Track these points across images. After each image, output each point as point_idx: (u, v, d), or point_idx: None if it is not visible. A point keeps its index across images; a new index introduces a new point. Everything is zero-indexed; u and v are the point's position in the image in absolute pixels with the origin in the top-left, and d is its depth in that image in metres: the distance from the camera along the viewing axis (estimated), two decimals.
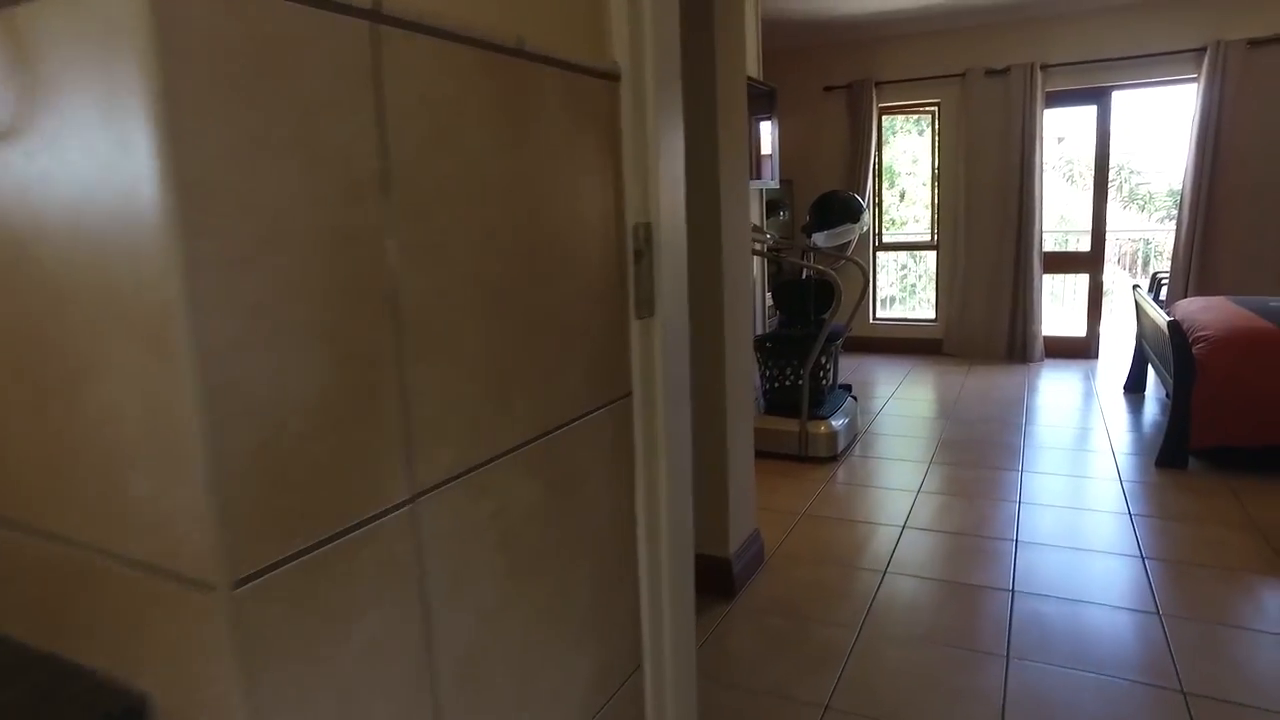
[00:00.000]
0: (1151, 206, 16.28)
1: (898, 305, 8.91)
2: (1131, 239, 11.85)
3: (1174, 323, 3.85)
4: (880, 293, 8.78)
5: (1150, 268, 12.23)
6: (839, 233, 4.93)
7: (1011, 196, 6.24)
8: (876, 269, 7.10)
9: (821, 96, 6.80)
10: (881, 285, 8.94)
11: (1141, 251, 12.05)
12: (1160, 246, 12.80)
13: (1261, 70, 5.61)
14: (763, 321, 5.40)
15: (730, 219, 2.64)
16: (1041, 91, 6.08)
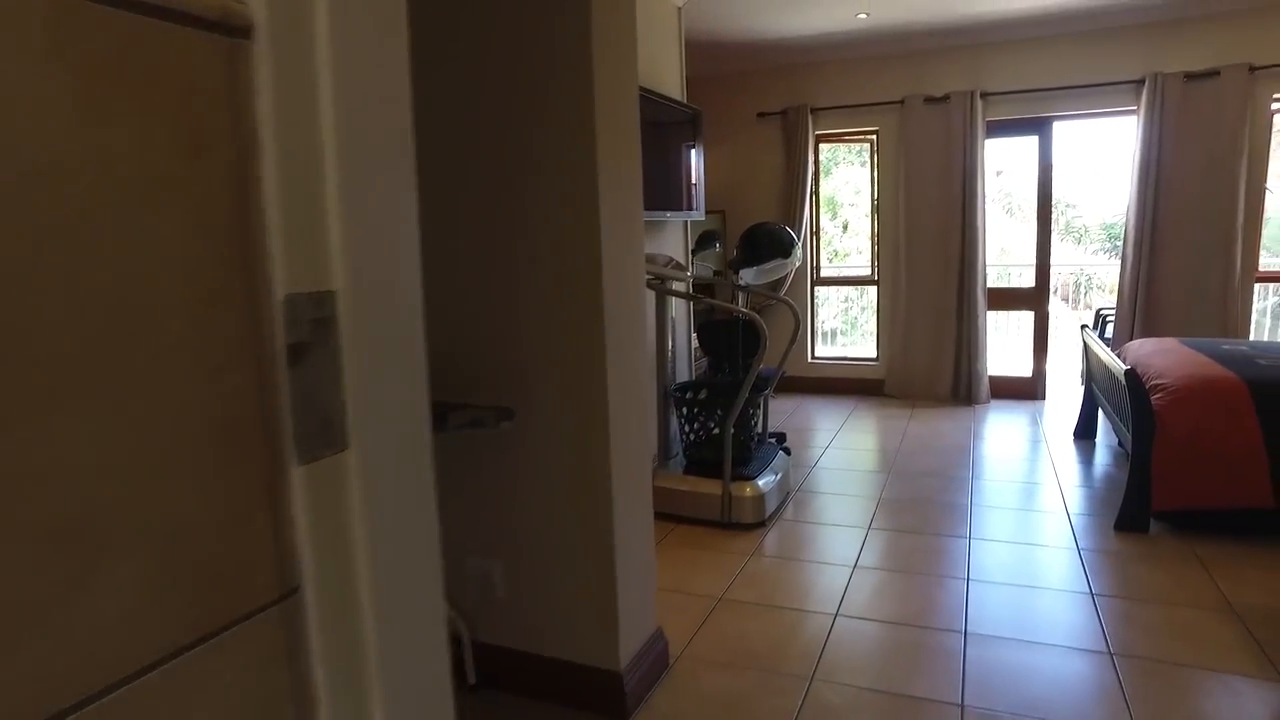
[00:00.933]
0: (1087, 239, 16.41)
1: (841, 340, 8.56)
2: (1069, 271, 11.72)
3: (1132, 372, 3.47)
4: (822, 328, 8.42)
5: (1087, 299, 12.18)
6: (768, 269, 4.50)
7: (954, 229, 5.91)
8: (815, 305, 6.71)
9: (755, 123, 6.43)
10: (824, 319, 8.58)
11: (1080, 283, 11.97)
12: (1100, 279, 12.77)
13: (1197, 104, 5.38)
14: (690, 367, 4.94)
15: (615, 255, 2.16)
16: (982, 120, 5.78)
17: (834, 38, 5.76)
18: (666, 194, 4.42)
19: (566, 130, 2.07)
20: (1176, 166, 5.46)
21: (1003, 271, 9.64)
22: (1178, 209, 5.49)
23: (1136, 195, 5.56)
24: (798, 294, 6.50)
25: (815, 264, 6.63)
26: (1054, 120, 5.81)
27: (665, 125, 4.39)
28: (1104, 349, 4.26)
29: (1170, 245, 5.54)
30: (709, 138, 6.52)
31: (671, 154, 4.49)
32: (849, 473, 4.50)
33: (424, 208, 0.79)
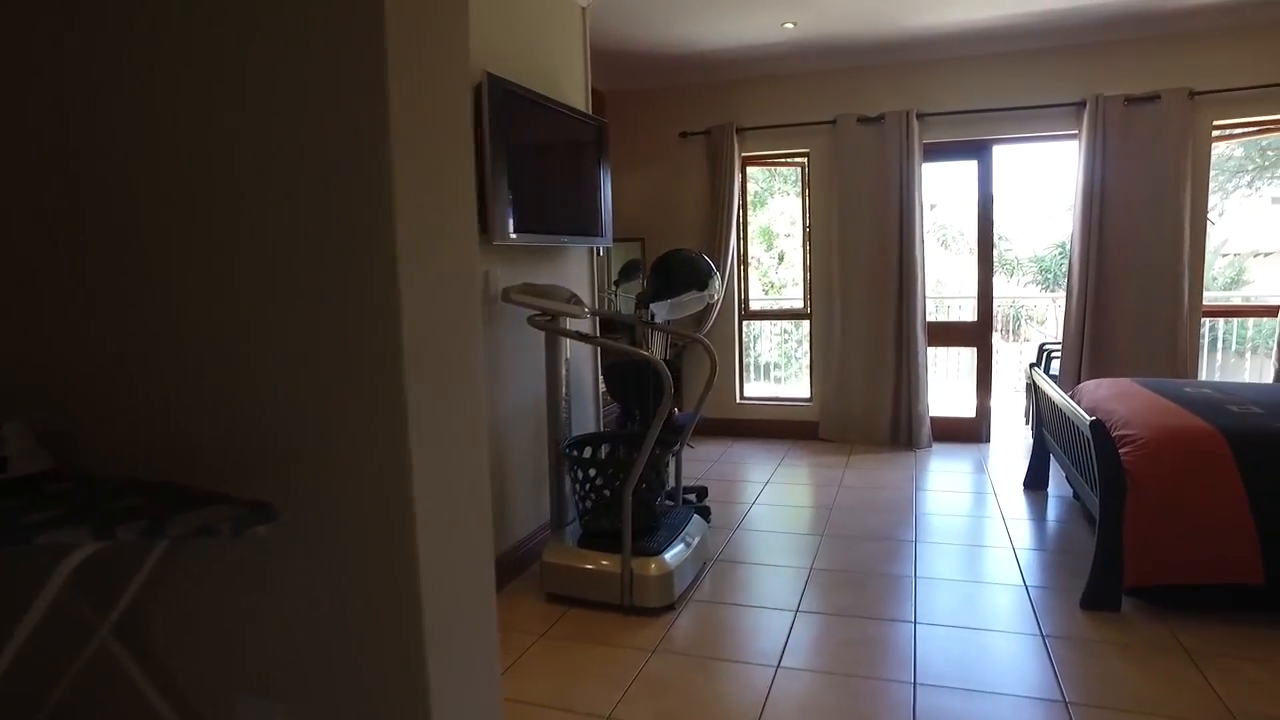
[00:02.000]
0: (1020, 272, 16.38)
1: (780, 377, 8.06)
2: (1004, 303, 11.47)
3: (1099, 425, 2.97)
4: (757, 364, 7.90)
5: (1022, 332, 11.97)
6: (684, 302, 3.94)
7: (891, 258, 5.45)
8: (743, 341, 6.17)
9: (678, 143, 5.91)
10: (761, 354, 8.06)
11: (1013, 315, 11.76)
12: (1032, 311, 12.61)
13: (1139, 128, 5.03)
14: (597, 415, 4.34)
15: (426, 289, 1.55)
16: (919, 142, 5.36)
17: (761, 51, 5.29)
18: (568, 216, 3.84)
19: (342, 117, 1.46)
20: (1120, 193, 5.10)
21: (940, 304, 9.31)
22: (1123, 238, 5.12)
23: (1080, 223, 5.17)
24: (724, 329, 5.97)
25: (744, 296, 6.10)
26: (994, 144, 5.42)
27: (566, 139, 3.82)
28: (1058, 392, 3.79)
29: (1116, 277, 5.16)
30: (628, 158, 6.00)
31: (573, 171, 3.92)
32: (777, 536, 3.92)
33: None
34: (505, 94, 3.16)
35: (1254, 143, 10.53)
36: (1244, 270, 11.83)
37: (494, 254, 3.29)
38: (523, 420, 3.56)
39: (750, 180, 13.45)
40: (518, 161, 3.30)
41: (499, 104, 3.10)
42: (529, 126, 3.42)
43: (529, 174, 3.45)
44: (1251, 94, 4.90)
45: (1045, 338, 11.17)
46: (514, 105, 3.25)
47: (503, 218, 3.12)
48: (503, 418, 3.44)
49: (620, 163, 6.08)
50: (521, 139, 3.34)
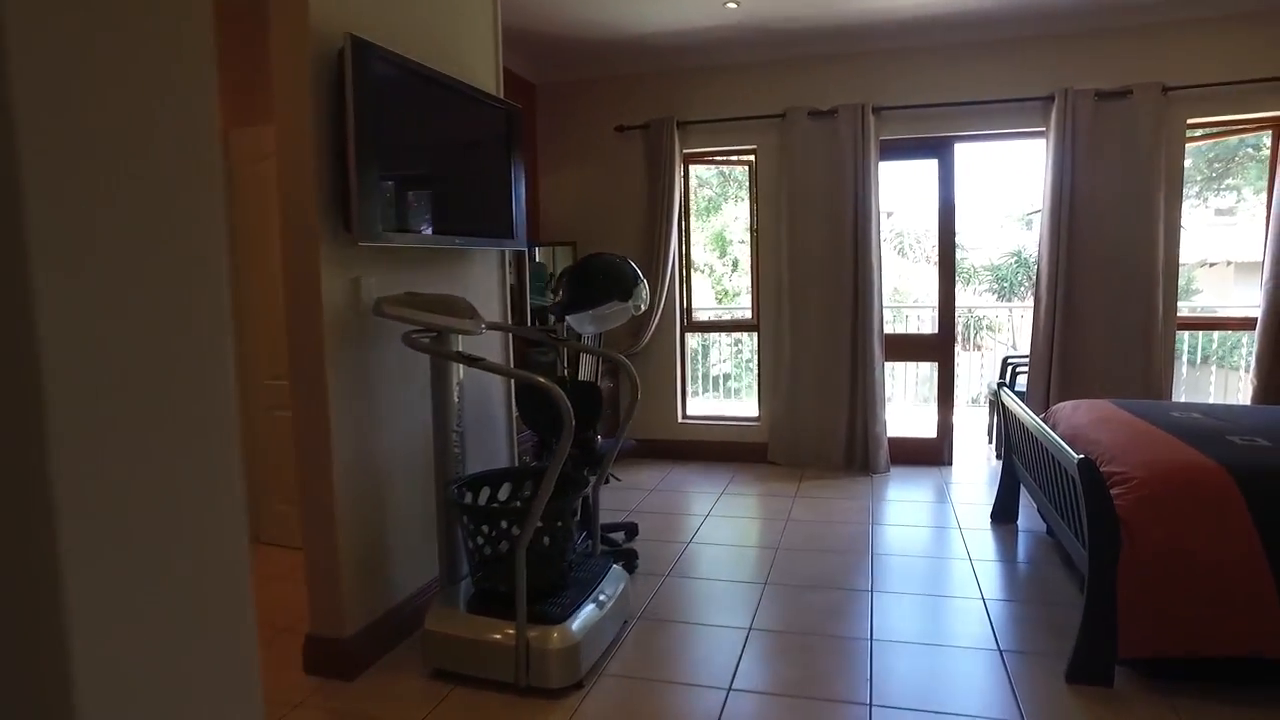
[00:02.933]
0: (976, 280, 16.16)
1: (733, 389, 7.58)
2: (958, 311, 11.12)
3: (1089, 464, 2.49)
4: (711, 376, 7.40)
5: (981, 341, 11.65)
6: (604, 314, 3.41)
7: (844, 265, 4.98)
8: (685, 355, 5.66)
9: (614, 139, 5.40)
10: (714, 365, 7.56)
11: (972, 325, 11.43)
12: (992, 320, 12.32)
13: (1110, 125, 4.64)
14: (512, 448, 3.78)
15: (97, 298, 0.98)
16: (875, 139, 4.90)
17: (702, 36, 4.80)
18: (468, 215, 3.29)
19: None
20: (1091, 195, 4.70)
21: (898, 314, 8.90)
22: (1094, 244, 4.72)
23: (1049, 226, 4.76)
24: (664, 342, 5.45)
25: (686, 306, 5.60)
26: (955, 141, 4.99)
27: (468, 124, 3.27)
28: (1031, 417, 3.33)
29: (1087, 285, 4.75)
30: (560, 155, 5.47)
31: (476, 163, 3.37)
32: (714, 585, 3.39)
33: None
34: (379, 62, 2.60)
35: (1201, 153, 10.35)
36: (1192, 280, 11.68)
37: (365, 257, 2.72)
38: (412, 455, 2.99)
39: (704, 185, 13.02)
40: (396, 147, 2.74)
41: (368, 74, 2.54)
42: (414, 106, 2.86)
43: (414, 163, 2.89)
44: (1226, 91, 4.53)
45: (1003, 347, 10.88)
46: (391, 78, 2.69)
47: (371, 214, 2.56)
48: (385, 452, 2.87)
49: (552, 160, 5.55)
50: (403, 120, 2.78)
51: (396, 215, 2.76)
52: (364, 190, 2.54)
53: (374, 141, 2.58)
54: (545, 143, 5.56)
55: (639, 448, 5.50)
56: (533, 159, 5.55)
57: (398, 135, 2.75)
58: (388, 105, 2.67)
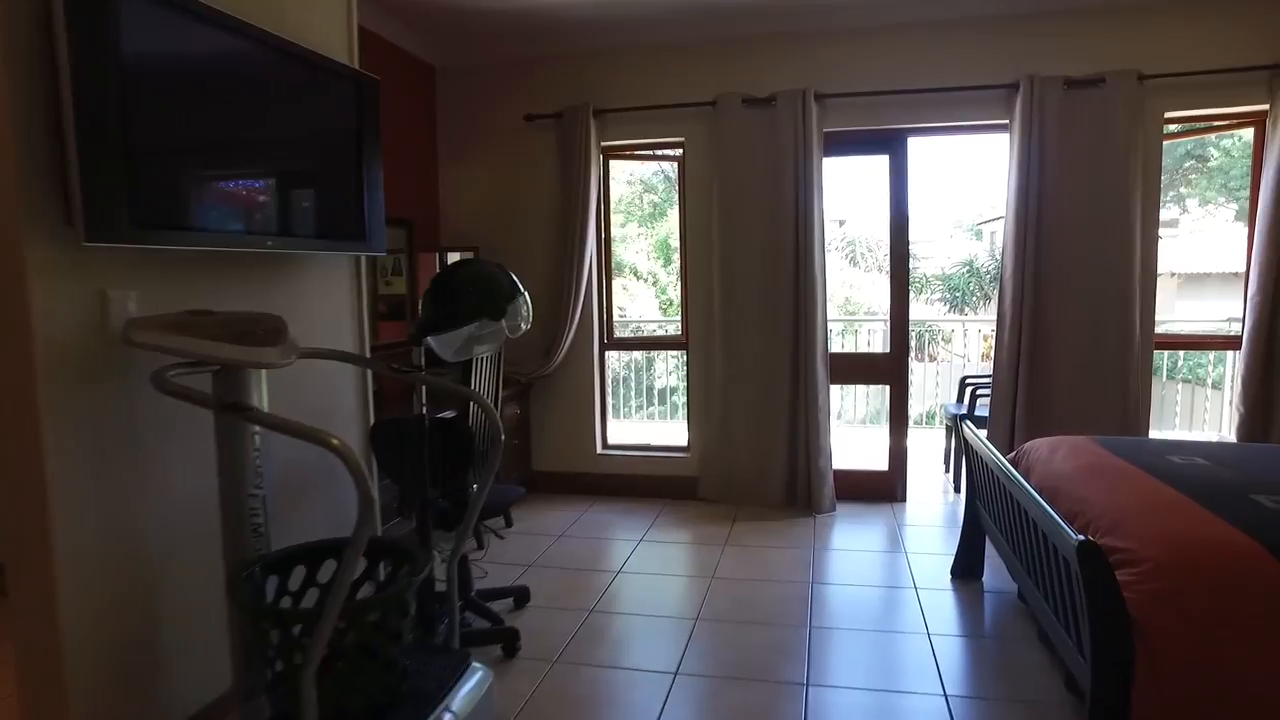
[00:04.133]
0: (928, 290, 15.73)
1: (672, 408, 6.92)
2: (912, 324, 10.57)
3: (1092, 550, 1.84)
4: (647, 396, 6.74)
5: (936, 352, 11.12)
6: (470, 336, 2.69)
7: (784, 274, 4.33)
8: (604, 376, 4.96)
9: (524, 130, 4.69)
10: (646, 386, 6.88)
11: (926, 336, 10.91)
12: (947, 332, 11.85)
13: (1081, 117, 4.06)
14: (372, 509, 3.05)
15: None
16: (819, 130, 4.27)
17: (624, 12, 4.12)
18: (298, 211, 2.56)
19: None
20: (1060, 197, 4.12)
21: (848, 328, 8.32)
22: (1064, 252, 4.14)
23: (1014, 231, 4.16)
24: (579, 362, 4.74)
25: (606, 321, 4.90)
26: (909, 134, 4.38)
27: (299, 95, 2.54)
28: (1001, 464, 2.71)
29: (1057, 298, 4.16)
30: (461, 147, 4.76)
31: (312, 145, 2.63)
32: (613, 675, 2.69)
33: None
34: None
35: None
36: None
37: (120, 265, 1.98)
38: (206, 527, 2.24)
39: (649, 190, 12.24)
40: (167, 114, 2.00)
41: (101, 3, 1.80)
42: (205, 64, 2.13)
43: (201, 139, 2.15)
44: (1207, 80, 3.98)
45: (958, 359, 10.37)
46: (157, 17, 1.95)
47: (108, 202, 1.81)
48: (157, 527, 2.12)
49: (454, 153, 4.83)
50: (182, 80, 2.05)
51: (165, 207, 2.02)
52: (94, 167, 1.79)
53: (118, 100, 1.84)
54: (446, 134, 4.83)
55: (554, 481, 4.79)
56: (431, 152, 4.81)
57: (171, 97, 2.01)
58: (151, 55, 1.93)
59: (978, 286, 14.15)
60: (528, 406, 4.79)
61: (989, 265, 14.07)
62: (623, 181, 11.78)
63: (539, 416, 4.83)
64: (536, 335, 4.64)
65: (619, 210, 11.55)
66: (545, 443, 4.84)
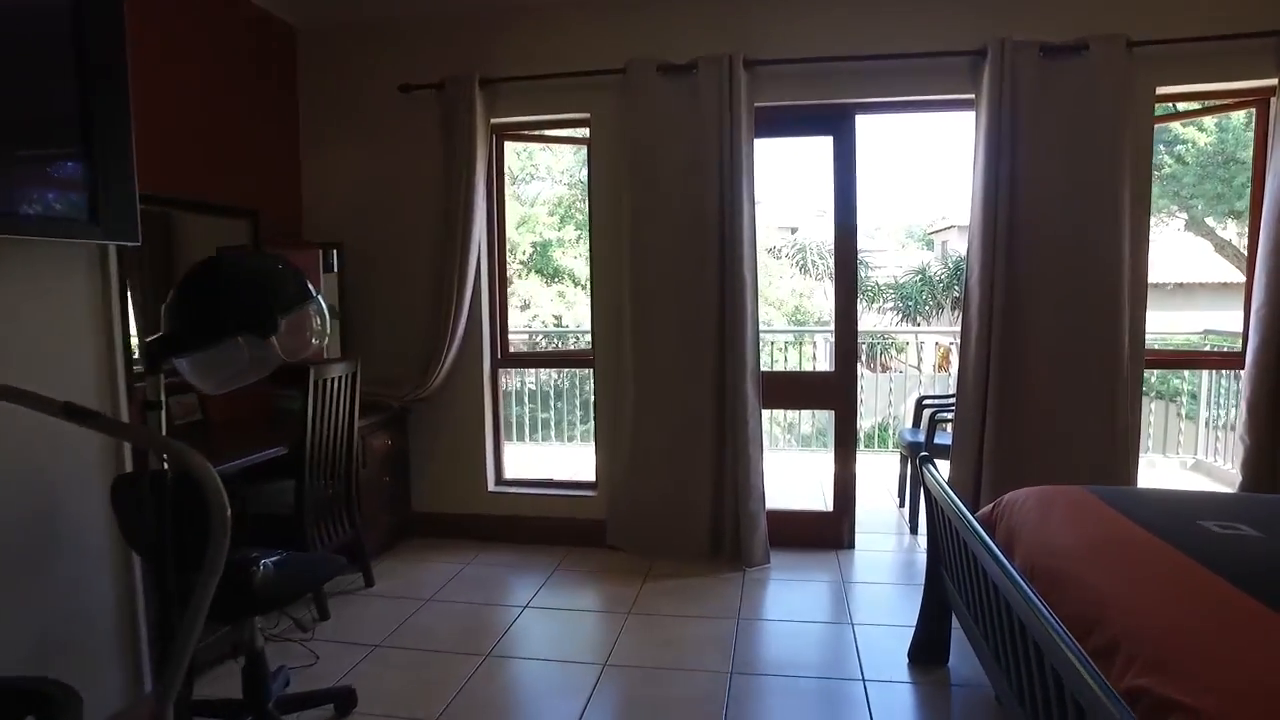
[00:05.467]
0: (881, 299, 15.07)
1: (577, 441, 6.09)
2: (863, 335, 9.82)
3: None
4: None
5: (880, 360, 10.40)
6: (223, 359, 1.82)
7: (707, 279, 3.51)
8: (498, 399, 4.08)
9: (399, 103, 3.81)
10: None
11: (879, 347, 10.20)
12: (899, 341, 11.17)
13: (1061, 91, 3.31)
14: (130, 585, 2.17)
15: None
16: (748, 105, 3.46)
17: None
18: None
19: None
20: (1035, 186, 3.35)
21: (799, 339, 7.55)
22: (1041, 253, 3.37)
23: (981, 228, 3.39)
24: (464, 384, 3.87)
25: (500, 333, 4.03)
26: (856, 110, 3.59)
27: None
28: (973, 529, 1.90)
29: (1033, 309, 3.39)
30: (327, 124, 3.91)
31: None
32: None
33: None
34: None
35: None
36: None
37: None
38: None
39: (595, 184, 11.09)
40: None
41: None
42: None
43: None
44: (1205, 50, 3.25)
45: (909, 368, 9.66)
46: None
47: None
48: None
49: (318, 131, 3.94)
50: None
51: None
52: None
53: None
54: (310, 108, 3.94)
55: (440, 524, 3.91)
56: (291, 129, 3.92)
57: None
58: None
59: (930, 295, 13.54)
60: (405, 436, 3.91)
61: (941, 273, 13.49)
62: (561, 183, 10.94)
63: (419, 448, 3.94)
64: (415, 350, 3.76)
65: (556, 212, 10.69)
66: (427, 479, 3.96)
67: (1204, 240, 11.46)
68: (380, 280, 3.89)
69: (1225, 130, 10.02)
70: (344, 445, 3.24)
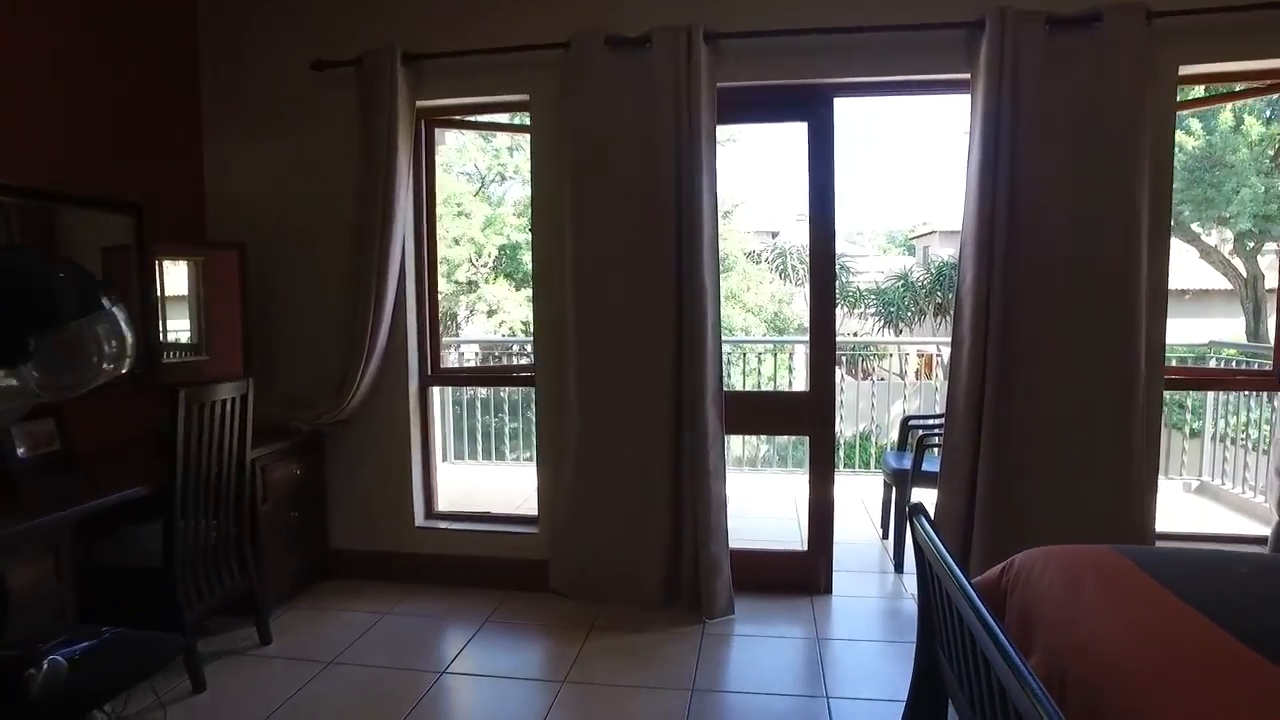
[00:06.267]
0: (863, 305, 14.58)
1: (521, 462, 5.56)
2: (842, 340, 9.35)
3: None
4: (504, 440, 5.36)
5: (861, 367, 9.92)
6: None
7: (662, 286, 2.98)
8: (427, 421, 3.53)
9: (312, 82, 3.26)
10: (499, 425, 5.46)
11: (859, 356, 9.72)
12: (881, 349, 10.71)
13: (1069, 70, 2.81)
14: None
15: None
16: (710, 84, 2.94)
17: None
18: None
19: None
20: (1039, 180, 2.85)
21: (778, 350, 7.04)
22: (1045, 258, 2.87)
23: (974, 227, 2.88)
24: (387, 406, 3.33)
25: (431, 348, 3.48)
26: (834, 92, 3.08)
27: None
28: (965, 590, 1.39)
29: (1035, 322, 2.89)
30: (231, 107, 3.37)
31: None
32: None
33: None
34: None
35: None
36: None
37: None
38: None
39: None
40: None
41: None
42: None
43: None
44: (1240, 22, 2.76)
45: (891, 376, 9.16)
46: None
47: None
48: None
49: (221, 116, 3.39)
50: None
51: None
52: None
53: None
54: (211, 90, 3.39)
55: (361, 565, 3.38)
56: (192, 112, 3.37)
57: None
58: None
59: (912, 301, 13.08)
60: (321, 464, 3.36)
61: (924, 279, 13.05)
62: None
63: (339, 477, 3.40)
64: (330, 365, 3.22)
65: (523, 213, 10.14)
66: (347, 513, 3.41)
67: (1190, 246, 11.09)
68: (291, 285, 3.35)
69: (1213, 133, 9.63)
70: (232, 478, 2.70)
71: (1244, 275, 10.93)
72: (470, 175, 10.14)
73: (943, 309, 12.12)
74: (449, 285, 9.11)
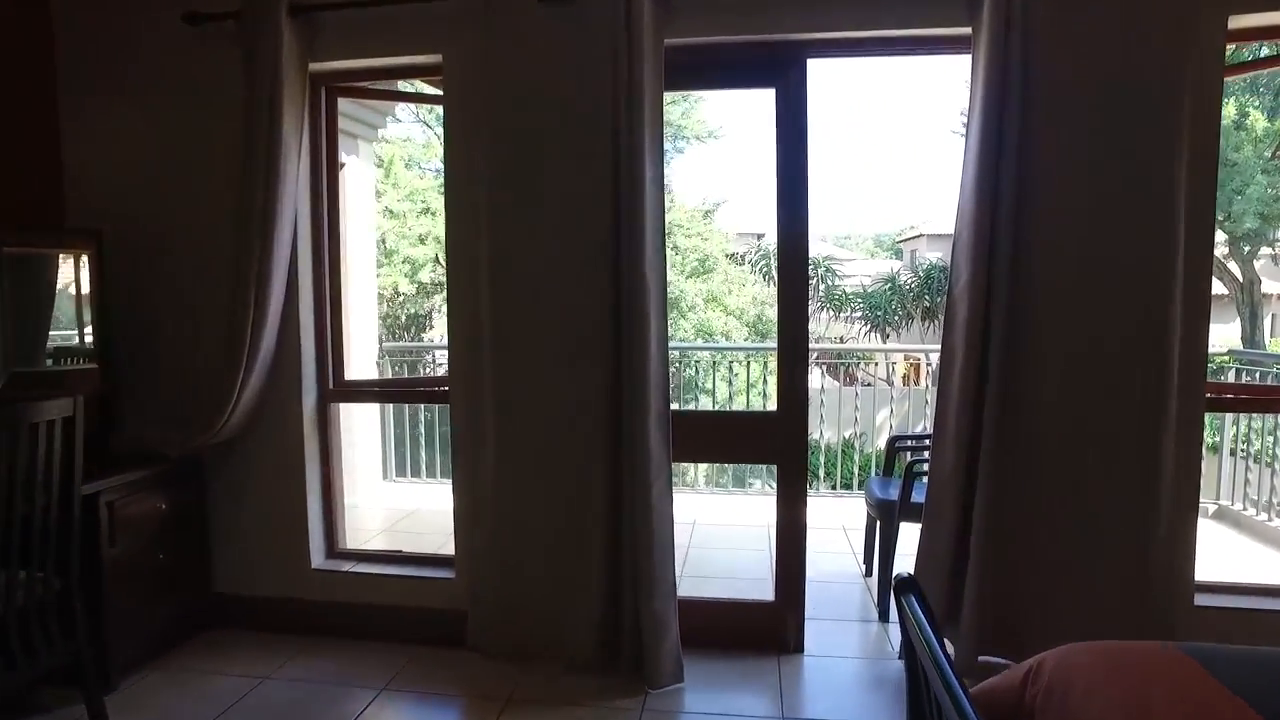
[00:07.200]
0: (849, 308, 14.04)
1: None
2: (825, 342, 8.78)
3: None
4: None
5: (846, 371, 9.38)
6: None
7: (596, 282, 2.42)
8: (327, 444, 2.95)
9: (185, 40, 2.69)
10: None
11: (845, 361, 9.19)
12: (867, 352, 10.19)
13: (1091, 28, 2.26)
14: None
15: None
16: (655, 42, 2.38)
17: None
18: None
19: None
20: (1053, 158, 2.31)
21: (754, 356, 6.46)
22: (1057, 251, 2.31)
23: (974, 215, 2.32)
24: (279, 424, 2.76)
25: (333, 358, 2.90)
26: (807, 52, 2.52)
27: None
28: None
29: (1044, 329, 2.34)
30: (93, 69, 2.79)
31: None
32: None
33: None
34: None
35: None
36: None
37: None
38: None
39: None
40: None
41: None
42: None
43: None
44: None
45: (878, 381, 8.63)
46: None
47: None
48: None
49: (82, 81, 2.82)
50: None
51: None
52: None
53: None
54: (71, 50, 2.82)
55: (250, 614, 2.80)
56: (46, 75, 2.79)
57: None
58: None
59: (900, 305, 12.56)
60: (200, 494, 2.79)
61: (911, 282, 12.54)
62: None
63: (220, 511, 2.82)
64: (204, 379, 2.65)
65: None
66: (232, 552, 2.84)
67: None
68: (158, 281, 2.78)
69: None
70: (54, 519, 2.12)
71: (1239, 280, 10.46)
72: (437, 172, 9.58)
73: (931, 313, 11.62)
74: (411, 286, 8.53)
